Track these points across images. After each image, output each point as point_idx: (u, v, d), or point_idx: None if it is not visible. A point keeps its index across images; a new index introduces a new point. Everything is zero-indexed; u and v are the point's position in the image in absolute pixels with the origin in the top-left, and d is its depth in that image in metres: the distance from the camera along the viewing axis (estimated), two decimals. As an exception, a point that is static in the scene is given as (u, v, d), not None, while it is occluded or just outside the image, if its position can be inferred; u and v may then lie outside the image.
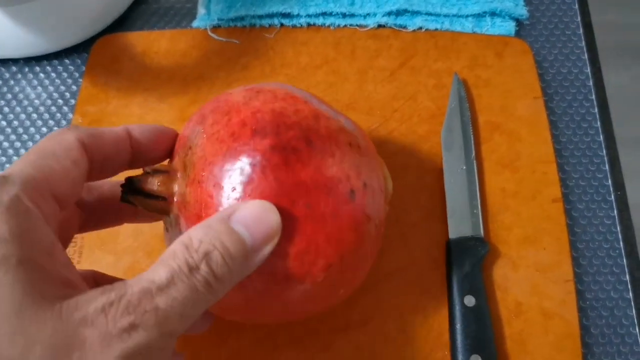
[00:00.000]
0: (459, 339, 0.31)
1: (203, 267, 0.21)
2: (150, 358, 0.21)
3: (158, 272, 0.20)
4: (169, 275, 0.20)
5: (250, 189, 0.23)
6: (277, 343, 0.32)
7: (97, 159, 0.24)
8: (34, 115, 0.39)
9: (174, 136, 0.28)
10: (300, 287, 0.25)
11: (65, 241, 0.27)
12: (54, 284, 0.20)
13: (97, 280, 0.28)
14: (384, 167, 0.30)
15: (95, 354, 0.19)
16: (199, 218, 0.24)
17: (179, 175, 0.26)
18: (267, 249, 0.23)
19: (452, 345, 0.32)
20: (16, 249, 0.19)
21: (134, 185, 0.26)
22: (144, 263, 0.34)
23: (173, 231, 0.27)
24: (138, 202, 0.26)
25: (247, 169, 0.23)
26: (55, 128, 0.38)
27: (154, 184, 0.26)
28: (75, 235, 0.28)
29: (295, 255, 0.24)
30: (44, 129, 0.38)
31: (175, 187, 0.26)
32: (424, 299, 0.33)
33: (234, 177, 0.24)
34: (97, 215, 0.28)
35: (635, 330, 0.33)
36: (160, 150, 0.27)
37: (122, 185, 0.26)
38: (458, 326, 0.32)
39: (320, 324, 0.33)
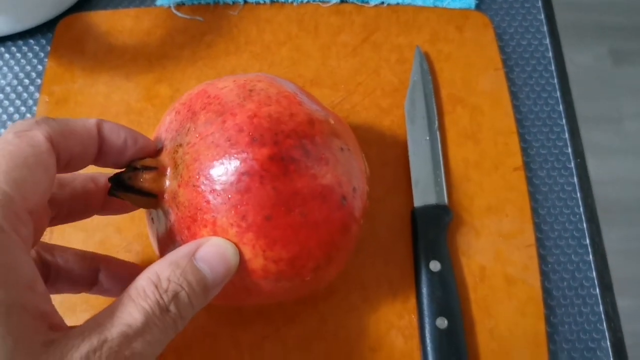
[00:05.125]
0: (425, 303, 0.32)
1: (172, 309, 0.22)
2: None
3: (133, 315, 0.21)
4: (144, 319, 0.21)
5: (248, 198, 0.24)
6: (243, 315, 0.32)
7: (64, 158, 0.23)
8: (0, 95, 0.39)
9: (147, 147, 0.27)
10: (288, 284, 0.26)
11: (37, 238, 0.26)
12: (38, 326, 0.19)
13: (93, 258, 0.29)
14: (363, 154, 0.30)
15: None
16: (194, 221, 0.24)
17: (169, 172, 0.26)
18: (223, 285, 0.24)
19: (419, 310, 0.32)
20: (2, 293, 0.18)
21: (124, 182, 0.25)
22: (115, 239, 0.34)
23: (160, 224, 0.27)
24: (128, 199, 0.26)
25: (246, 178, 0.24)
26: (22, 108, 0.38)
27: (145, 181, 0.25)
28: None
29: (288, 260, 0.25)
30: (11, 109, 0.38)
31: (166, 184, 0.26)
32: (388, 269, 0.34)
33: (232, 185, 0.24)
34: (66, 209, 0.28)
35: (596, 291, 0.34)
36: (124, 158, 0.26)
37: (110, 181, 0.25)
38: (424, 290, 0.32)
39: (286, 295, 0.33)
